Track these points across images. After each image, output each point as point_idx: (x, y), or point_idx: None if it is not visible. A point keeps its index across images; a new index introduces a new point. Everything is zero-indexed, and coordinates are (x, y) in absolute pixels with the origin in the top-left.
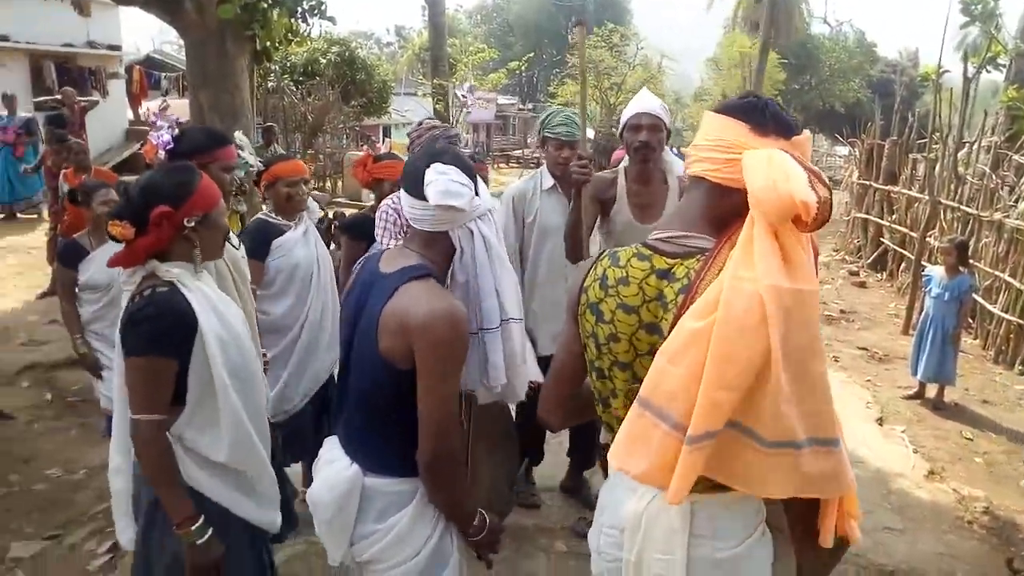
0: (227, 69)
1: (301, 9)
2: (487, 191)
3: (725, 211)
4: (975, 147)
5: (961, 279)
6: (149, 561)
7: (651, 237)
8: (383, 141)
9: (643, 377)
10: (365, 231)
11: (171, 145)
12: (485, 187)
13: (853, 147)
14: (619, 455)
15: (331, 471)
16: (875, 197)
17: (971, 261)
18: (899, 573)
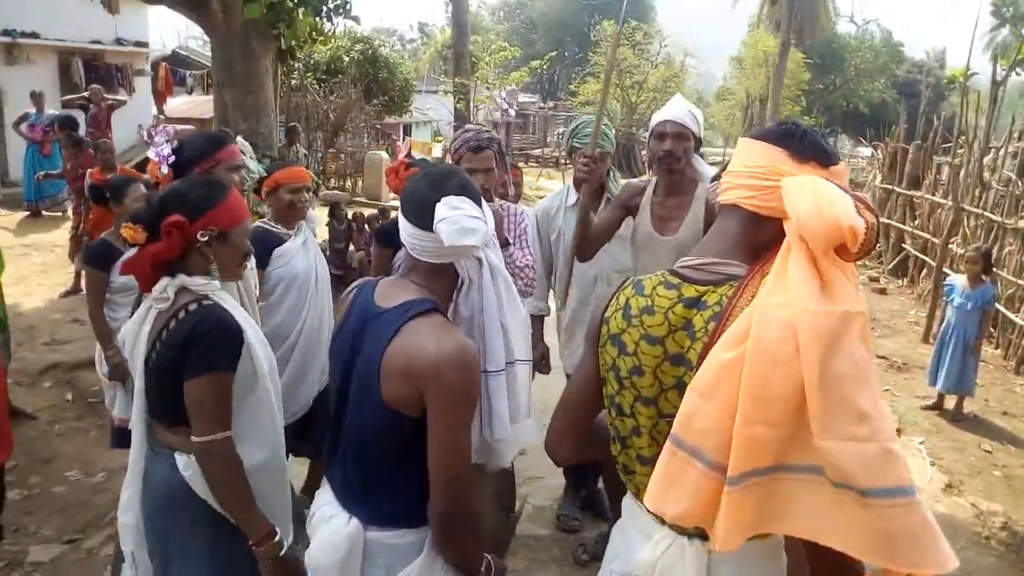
0: (252, 68)
1: (326, 8)
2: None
3: (761, 240)
4: (1002, 152)
5: (984, 288)
6: None
7: (680, 264)
8: (403, 140)
9: (668, 413)
10: (395, 238)
11: (172, 157)
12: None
13: (876, 150)
14: (654, 497)
15: (329, 530)
16: (898, 202)
17: (994, 269)
18: None
